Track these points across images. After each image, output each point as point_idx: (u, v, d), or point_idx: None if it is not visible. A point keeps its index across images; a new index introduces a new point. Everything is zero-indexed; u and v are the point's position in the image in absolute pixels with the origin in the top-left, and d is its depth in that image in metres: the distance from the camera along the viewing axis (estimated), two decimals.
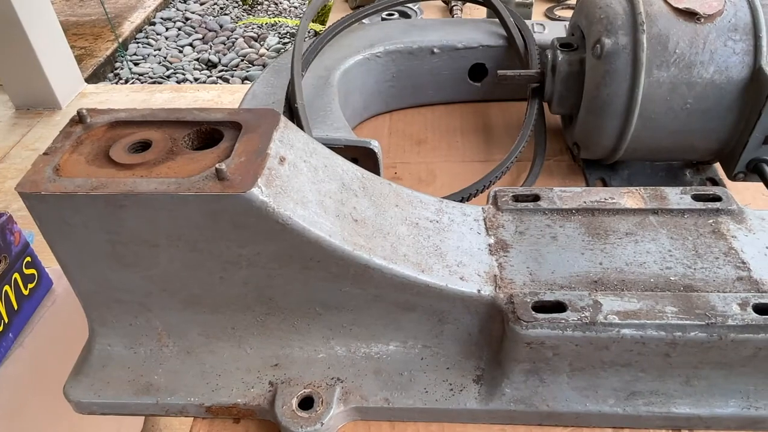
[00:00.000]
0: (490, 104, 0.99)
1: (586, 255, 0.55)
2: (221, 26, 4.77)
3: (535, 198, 0.61)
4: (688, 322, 0.48)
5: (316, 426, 0.51)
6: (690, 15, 0.68)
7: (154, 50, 4.60)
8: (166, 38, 4.73)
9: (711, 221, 0.57)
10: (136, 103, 3.65)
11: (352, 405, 0.53)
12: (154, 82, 4.23)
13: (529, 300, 0.50)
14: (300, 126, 0.68)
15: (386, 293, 0.51)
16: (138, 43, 4.72)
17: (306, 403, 0.53)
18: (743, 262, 0.53)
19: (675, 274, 0.52)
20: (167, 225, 0.46)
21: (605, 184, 0.82)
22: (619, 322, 0.48)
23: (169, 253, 0.49)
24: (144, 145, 0.50)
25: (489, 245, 0.56)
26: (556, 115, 0.85)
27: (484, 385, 0.54)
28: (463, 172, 0.85)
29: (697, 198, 0.59)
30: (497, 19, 0.95)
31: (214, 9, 5.08)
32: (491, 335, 0.53)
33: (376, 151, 0.68)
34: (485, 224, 0.58)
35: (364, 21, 1.11)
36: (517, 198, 0.61)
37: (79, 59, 4.22)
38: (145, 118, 0.53)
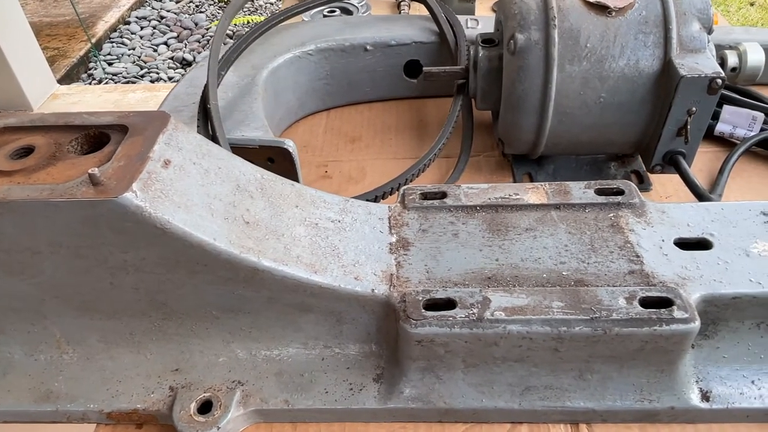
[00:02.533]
0: (427, 100, 0.99)
1: (484, 251, 0.55)
2: (196, 24, 4.72)
3: (443, 195, 0.61)
4: (573, 316, 0.48)
5: (212, 430, 0.51)
6: (601, 8, 0.68)
7: (129, 49, 4.54)
8: (141, 37, 4.67)
9: (611, 215, 0.58)
10: (108, 104, 3.60)
11: (251, 408, 0.53)
12: (127, 82, 4.18)
13: (420, 298, 0.50)
14: (213, 127, 0.68)
15: (280, 295, 0.51)
16: (112, 42, 4.65)
17: (206, 407, 0.53)
18: (637, 256, 0.53)
19: (568, 268, 0.53)
20: (46, 232, 0.46)
21: (532, 179, 0.82)
22: (506, 318, 0.48)
23: (53, 260, 0.48)
24: (27, 151, 0.49)
25: (390, 244, 0.56)
26: (483, 111, 0.85)
27: (384, 383, 0.54)
28: (393, 170, 0.84)
29: (600, 192, 0.60)
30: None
31: (189, 7, 5.03)
32: (389, 334, 0.53)
33: (291, 150, 0.68)
34: (389, 223, 0.58)
35: (304, 18, 1.11)
36: (425, 196, 0.61)
37: (53, 60, 4.16)
38: (33, 123, 0.52)
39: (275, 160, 0.68)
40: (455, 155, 0.87)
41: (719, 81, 0.63)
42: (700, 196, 0.70)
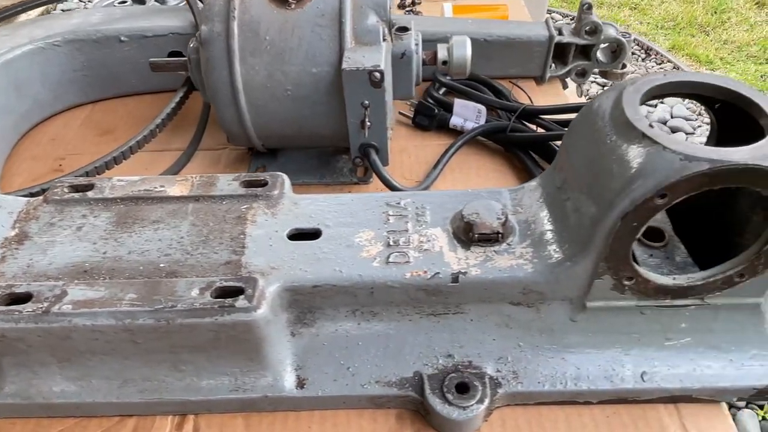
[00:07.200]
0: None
1: (98, 245, 0.54)
2: None
3: (89, 188, 0.60)
4: (138, 308, 0.48)
5: None
6: (281, 1, 0.68)
7: None
8: None
9: (244, 207, 0.58)
10: None
11: None
12: None
13: (1, 292, 0.49)
14: None
15: None
16: None
17: None
18: (243, 247, 0.54)
19: (169, 260, 0.53)
20: None
21: (266, 171, 0.82)
22: (72, 311, 0.48)
23: None
24: None
25: (6, 238, 0.55)
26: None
27: None
28: (133, 163, 0.83)
29: (247, 184, 0.60)
30: None
31: None
32: None
33: None
34: (18, 217, 0.57)
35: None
36: (75, 189, 0.60)
37: None
38: None
39: None
40: (210, 148, 0.87)
41: (377, 74, 0.64)
42: (393, 187, 0.71)
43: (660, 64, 3.32)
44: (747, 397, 0.52)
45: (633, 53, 3.46)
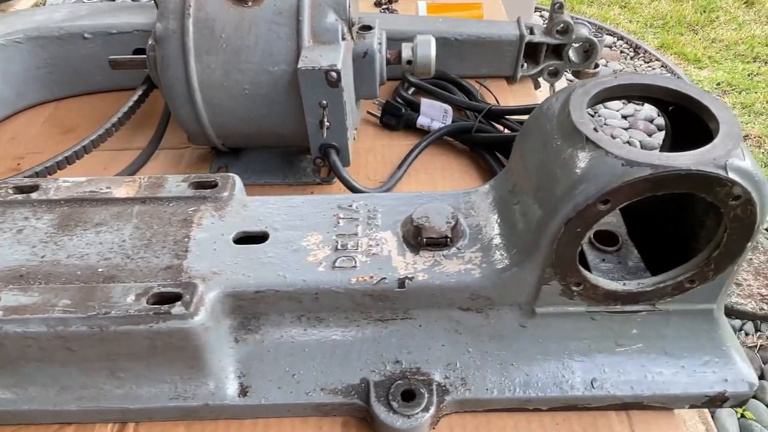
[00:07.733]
0: None
1: (37, 248, 0.53)
2: None
3: (34, 189, 0.58)
4: (71, 315, 0.46)
5: None
6: None
7: None
8: None
9: (192, 209, 0.56)
10: None
11: None
12: None
13: None
14: None
15: None
16: None
17: None
18: (186, 251, 0.52)
19: (108, 265, 0.51)
20: None
21: (227, 171, 0.81)
22: (2, 318, 0.46)
23: None
24: None
25: None
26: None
27: None
28: (91, 162, 0.82)
29: (197, 185, 0.58)
30: None
31: None
32: None
33: None
34: None
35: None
36: (20, 189, 0.59)
37: None
38: None
39: None
40: (171, 147, 0.86)
41: (334, 74, 0.63)
42: (353, 188, 0.70)
43: (648, 62, 3.31)
44: (699, 404, 0.51)
45: (621, 51, 3.46)
